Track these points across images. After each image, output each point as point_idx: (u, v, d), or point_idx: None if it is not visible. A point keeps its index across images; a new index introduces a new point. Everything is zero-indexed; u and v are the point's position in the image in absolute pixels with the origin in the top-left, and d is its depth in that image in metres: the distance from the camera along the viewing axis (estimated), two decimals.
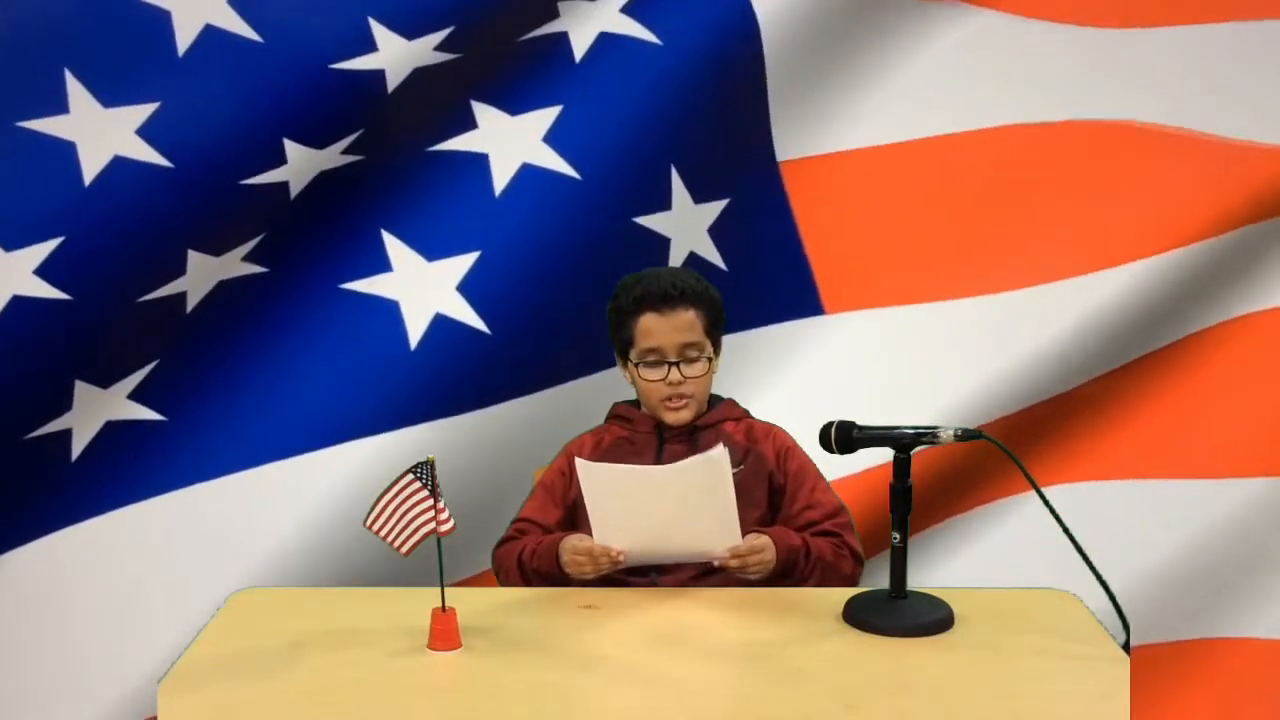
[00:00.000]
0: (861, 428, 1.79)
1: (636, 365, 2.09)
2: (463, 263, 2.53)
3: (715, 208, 2.71)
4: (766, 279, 2.40)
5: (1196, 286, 2.69)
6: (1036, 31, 2.78)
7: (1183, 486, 2.64)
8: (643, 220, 2.65)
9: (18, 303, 2.44)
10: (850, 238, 2.76)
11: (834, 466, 2.09)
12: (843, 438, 1.79)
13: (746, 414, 2.18)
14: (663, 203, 2.66)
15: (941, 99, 2.78)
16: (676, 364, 2.06)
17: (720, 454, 1.82)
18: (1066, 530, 1.69)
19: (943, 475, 2.58)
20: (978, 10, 2.80)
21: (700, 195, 2.70)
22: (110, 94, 2.51)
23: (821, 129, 2.77)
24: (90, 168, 2.50)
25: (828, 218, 2.76)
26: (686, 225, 2.68)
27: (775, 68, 2.71)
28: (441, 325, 2.51)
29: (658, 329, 2.07)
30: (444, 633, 1.67)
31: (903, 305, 2.73)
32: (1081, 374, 2.70)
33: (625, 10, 2.69)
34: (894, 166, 2.78)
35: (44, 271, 2.46)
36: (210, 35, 2.56)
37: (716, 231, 2.72)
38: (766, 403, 2.24)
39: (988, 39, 2.80)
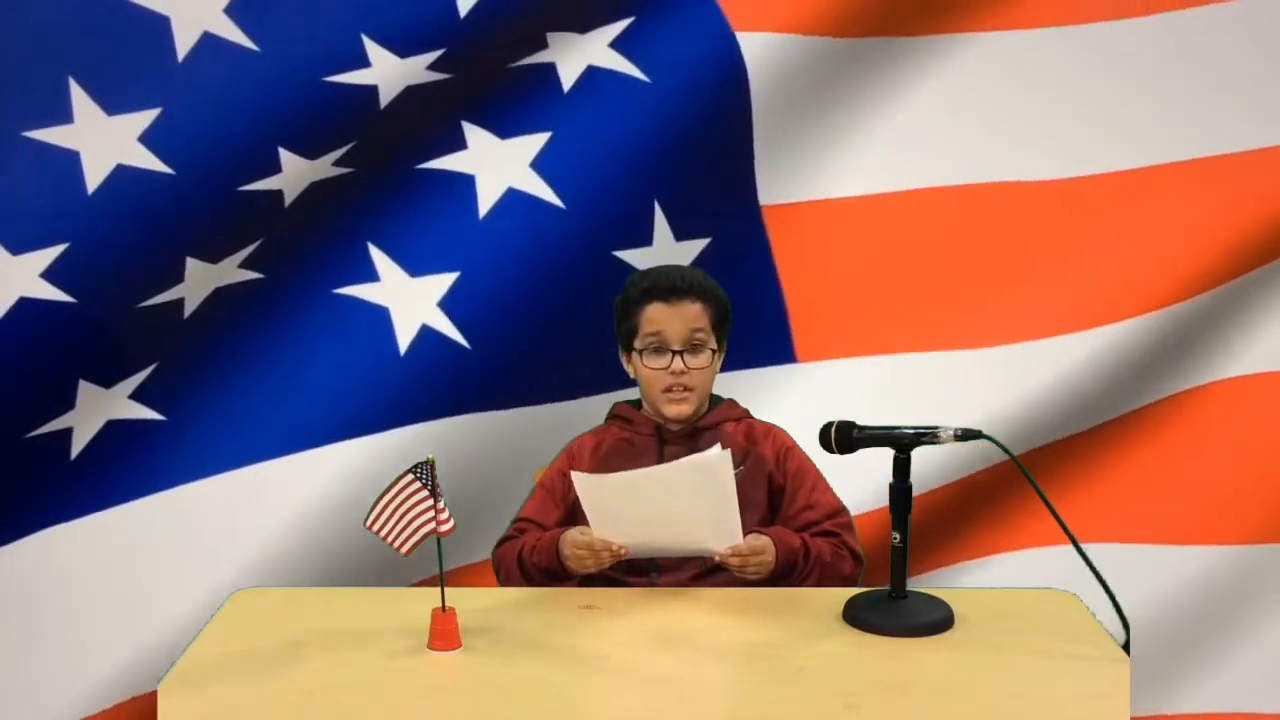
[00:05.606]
0: (862, 427, 1.79)
1: (640, 353, 2.09)
2: (444, 281, 2.56)
3: (696, 246, 2.71)
4: (741, 323, 2.42)
5: (1177, 348, 2.67)
6: (1029, 67, 2.74)
7: (1152, 551, 2.63)
8: (622, 254, 2.66)
9: (24, 304, 2.46)
10: (830, 286, 2.75)
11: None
12: (843, 438, 1.79)
13: (747, 414, 2.18)
14: (644, 238, 2.68)
15: (928, 149, 2.75)
16: (681, 353, 2.06)
17: (719, 455, 1.82)
18: (1065, 529, 1.69)
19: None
20: (970, 39, 2.75)
21: (681, 233, 2.70)
22: (113, 101, 2.52)
23: (807, 175, 2.75)
24: (94, 176, 2.52)
25: (809, 264, 2.74)
26: (666, 261, 2.65)
27: (762, 112, 2.70)
28: (427, 336, 2.55)
29: (663, 317, 2.07)
30: (444, 633, 1.68)
31: (876, 355, 2.72)
32: (1049, 435, 2.68)
33: (614, 45, 2.69)
34: (878, 217, 2.75)
35: (50, 275, 2.48)
36: (208, 43, 2.58)
37: None
38: None
39: (976, 83, 2.76)
